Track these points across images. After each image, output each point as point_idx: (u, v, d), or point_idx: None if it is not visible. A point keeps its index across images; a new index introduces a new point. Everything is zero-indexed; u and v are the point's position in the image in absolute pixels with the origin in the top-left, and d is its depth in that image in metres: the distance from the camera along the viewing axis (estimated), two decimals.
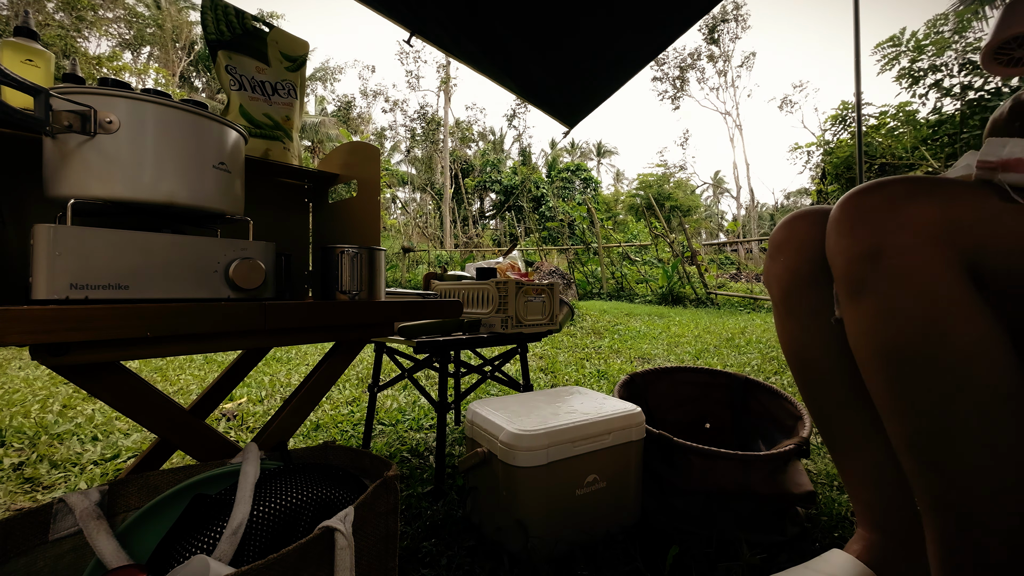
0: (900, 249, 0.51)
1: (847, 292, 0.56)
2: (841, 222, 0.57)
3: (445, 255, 11.89)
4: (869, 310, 0.53)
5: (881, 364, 0.53)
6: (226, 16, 0.90)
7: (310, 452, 0.71)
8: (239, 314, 0.60)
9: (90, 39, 16.33)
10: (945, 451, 0.49)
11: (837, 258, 0.57)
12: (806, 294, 0.70)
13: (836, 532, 0.91)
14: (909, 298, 0.50)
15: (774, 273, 0.74)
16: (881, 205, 0.53)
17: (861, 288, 0.54)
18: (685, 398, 1.29)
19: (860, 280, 0.54)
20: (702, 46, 29.81)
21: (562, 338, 3.61)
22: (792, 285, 0.71)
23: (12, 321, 0.45)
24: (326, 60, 29.04)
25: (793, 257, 0.71)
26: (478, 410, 0.94)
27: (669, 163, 32.02)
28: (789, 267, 0.71)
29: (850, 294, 0.56)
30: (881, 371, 0.53)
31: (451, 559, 0.83)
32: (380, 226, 0.92)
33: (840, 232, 0.56)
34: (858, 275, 0.54)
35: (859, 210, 0.55)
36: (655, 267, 8.30)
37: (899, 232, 0.51)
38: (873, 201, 0.54)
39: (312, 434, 1.51)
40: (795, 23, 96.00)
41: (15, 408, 1.70)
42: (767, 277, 0.76)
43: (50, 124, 0.54)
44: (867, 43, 28.02)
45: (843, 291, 0.57)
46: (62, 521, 0.54)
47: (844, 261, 0.56)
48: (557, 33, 1.63)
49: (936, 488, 0.50)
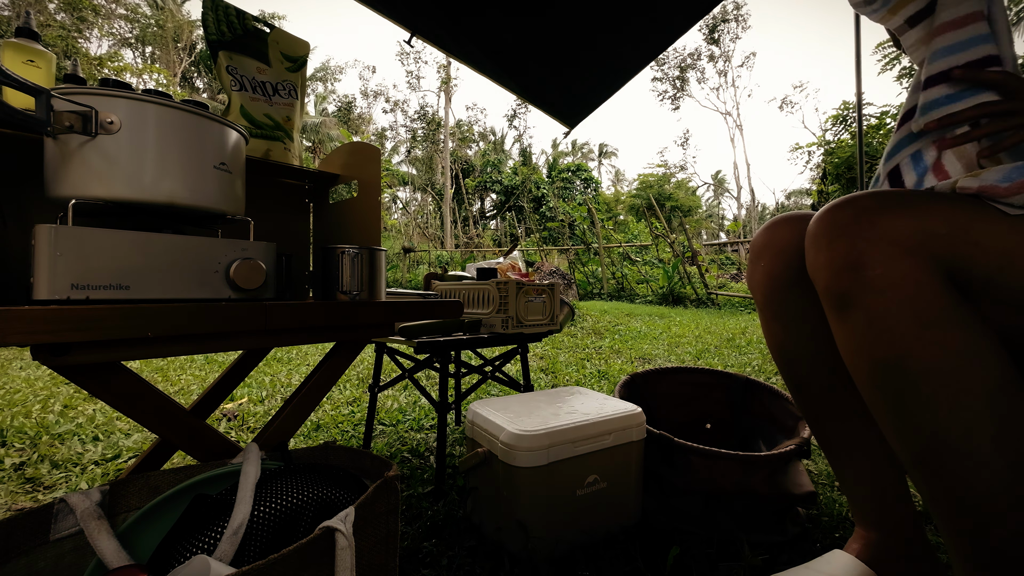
0: (879, 260, 0.51)
1: (833, 306, 0.56)
2: (818, 237, 0.57)
3: (446, 255, 11.90)
4: (858, 323, 0.53)
5: (877, 378, 0.52)
6: (227, 17, 0.90)
7: (311, 452, 0.71)
8: (240, 314, 0.60)
9: (91, 39, 16.35)
10: (957, 461, 0.48)
11: (819, 273, 0.57)
12: (788, 297, 0.71)
13: (837, 532, 0.91)
14: (896, 307, 0.50)
15: (756, 278, 0.75)
16: (854, 218, 0.54)
17: (846, 301, 0.54)
18: (686, 398, 1.29)
19: (844, 293, 0.54)
20: (702, 46, 29.83)
21: (563, 338, 3.61)
22: (773, 289, 0.72)
23: (13, 321, 0.45)
24: (327, 60, 29.11)
25: (774, 262, 0.71)
26: (479, 410, 0.94)
27: (669, 163, 32.05)
28: (770, 272, 0.72)
29: (836, 308, 0.55)
30: (878, 386, 0.53)
31: (452, 559, 0.83)
32: (381, 226, 0.92)
33: (818, 247, 0.57)
34: (841, 288, 0.54)
35: (834, 224, 0.55)
36: (656, 267, 8.29)
37: (877, 243, 0.51)
38: (846, 215, 0.54)
39: (313, 434, 1.51)
40: (795, 23, 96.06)
41: (16, 408, 1.71)
42: (750, 282, 0.77)
43: (51, 125, 0.54)
44: (868, 43, 28.01)
45: (829, 306, 0.57)
46: (63, 521, 0.54)
47: (826, 275, 0.56)
48: (557, 33, 1.63)
49: (952, 498, 0.49)
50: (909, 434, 0.51)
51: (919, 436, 0.50)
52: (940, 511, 0.51)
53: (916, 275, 0.50)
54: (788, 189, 35.37)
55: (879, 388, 0.53)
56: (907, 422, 0.51)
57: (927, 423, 0.49)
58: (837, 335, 0.57)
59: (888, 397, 0.52)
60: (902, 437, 0.52)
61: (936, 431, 0.49)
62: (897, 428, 0.52)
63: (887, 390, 0.52)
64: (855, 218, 0.53)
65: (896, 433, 0.52)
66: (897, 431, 0.52)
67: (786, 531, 0.89)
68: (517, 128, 29.27)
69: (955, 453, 0.48)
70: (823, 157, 7.89)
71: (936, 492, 0.51)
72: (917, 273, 0.50)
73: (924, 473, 0.51)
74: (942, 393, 0.48)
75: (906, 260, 0.50)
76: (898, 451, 0.53)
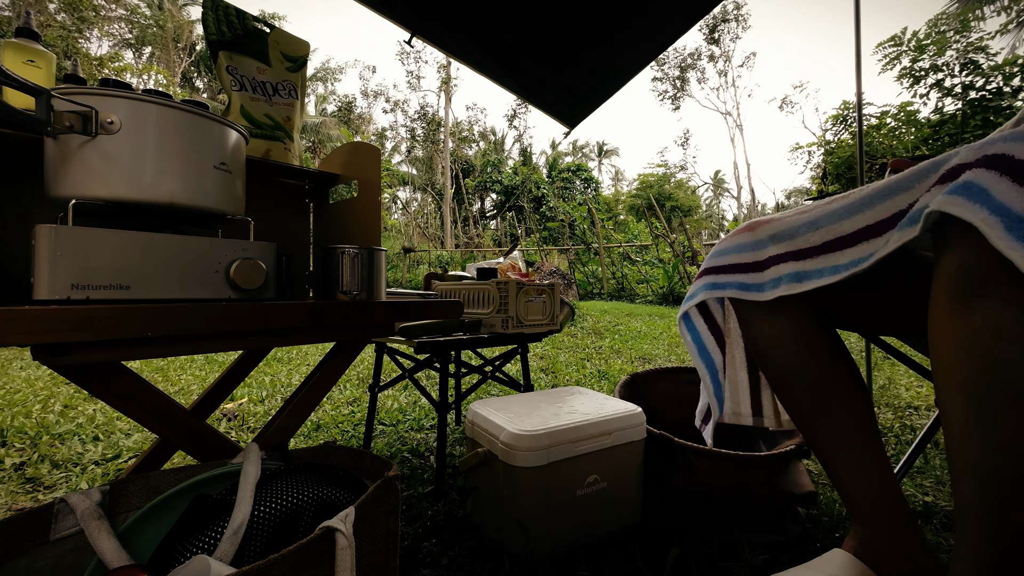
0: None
1: (954, 289, 0.46)
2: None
3: (446, 255, 11.89)
4: (985, 320, 0.44)
5: (983, 387, 0.44)
6: (227, 17, 0.90)
7: (311, 452, 0.71)
8: (240, 314, 0.60)
9: (91, 39, 16.37)
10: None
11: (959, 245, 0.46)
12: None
13: (837, 532, 0.91)
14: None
15: None
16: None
17: (979, 290, 0.44)
18: (686, 398, 1.29)
19: (984, 280, 0.44)
20: (702, 46, 29.80)
21: (563, 338, 3.61)
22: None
23: (14, 321, 0.45)
24: (327, 60, 29.12)
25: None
26: (479, 410, 0.94)
27: (670, 163, 31.99)
28: None
29: (960, 294, 0.45)
30: (979, 395, 0.45)
31: (452, 559, 0.83)
32: (381, 226, 0.92)
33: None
34: (981, 274, 0.44)
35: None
36: (656, 267, 8.29)
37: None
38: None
39: (313, 434, 1.51)
40: (795, 23, 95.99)
41: (16, 408, 1.71)
42: None
43: (52, 125, 0.54)
44: (868, 43, 27.93)
45: (947, 288, 0.47)
46: (63, 521, 0.54)
47: (971, 251, 0.45)
48: (557, 33, 1.63)
49: (1011, 526, 0.44)
50: (991, 447, 0.45)
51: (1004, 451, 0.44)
52: (978, 532, 0.47)
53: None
54: (788, 189, 35.36)
55: (976, 396, 0.45)
56: (997, 435, 0.44)
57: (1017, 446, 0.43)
58: (944, 324, 0.47)
59: (987, 406, 0.45)
60: (981, 447, 0.46)
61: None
62: (977, 438, 0.46)
63: (990, 399, 0.44)
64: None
65: (973, 442, 0.46)
66: (977, 440, 0.46)
67: (786, 531, 0.89)
68: (517, 128, 29.25)
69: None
70: (823, 157, 7.89)
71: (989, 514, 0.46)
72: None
73: (988, 487, 0.45)
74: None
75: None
76: (963, 459, 0.47)
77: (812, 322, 0.71)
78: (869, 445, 0.68)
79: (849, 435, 0.69)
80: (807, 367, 0.70)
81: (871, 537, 0.67)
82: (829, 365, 0.70)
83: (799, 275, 0.65)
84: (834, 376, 0.70)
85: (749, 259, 0.72)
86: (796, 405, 0.73)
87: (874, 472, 0.68)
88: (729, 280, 0.74)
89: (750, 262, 0.71)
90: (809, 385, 0.71)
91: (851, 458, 0.69)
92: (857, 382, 0.71)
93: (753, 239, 0.71)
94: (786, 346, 0.71)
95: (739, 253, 0.73)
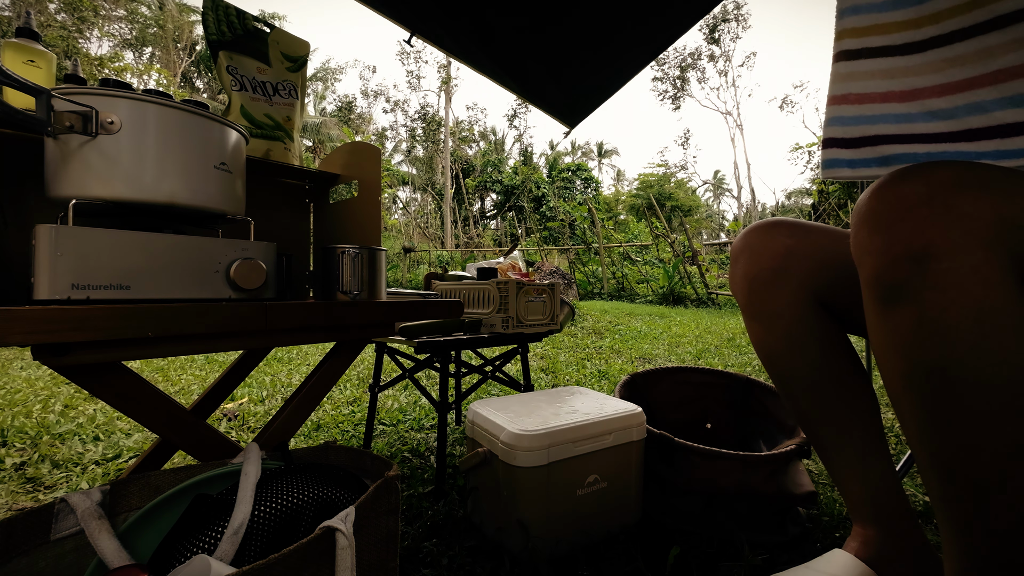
0: (947, 252, 0.43)
1: (878, 297, 0.49)
2: (877, 215, 0.47)
3: (446, 255, 11.89)
4: (905, 321, 0.46)
5: (918, 382, 0.47)
6: (227, 17, 0.90)
7: (311, 452, 0.71)
8: (240, 314, 0.60)
9: (91, 39, 16.36)
10: (991, 473, 0.44)
11: (867, 257, 0.49)
12: (764, 297, 0.72)
13: (837, 532, 0.91)
14: (957, 309, 0.43)
15: (735, 280, 0.77)
16: (927, 196, 0.44)
17: (897, 295, 0.46)
18: (686, 398, 1.29)
19: (897, 285, 0.46)
20: (702, 46, 29.78)
21: (563, 338, 3.61)
22: (751, 290, 0.74)
23: (14, 321, 0.45)
24: (327, 60, 29.12)
25: (750, 264, 0.74)
26: (479, 410, 0.94)
27: (670, 163, 32.02)
28: (747, 273, 0.74)
29: (882, 300, 0.48)
30: (917, 389, 0.47)
31: (452, 559, 0.83)
32: (381, 226, 0.92)
33: (875, 227, 0.47)
34: (896, 279, 0.46)
35: (900, 201, 0.46)
36: (656, 267, 8.29)
37: (949, 230, 0.43)
38: (916, 190, 0.45)
39: (313, 434, 1.51)
40: (795, 23, 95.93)
41: (17, 408, 1.71)
42: (731, 284, 0.79)
43: (52, 125, 0.54)
44: None
45: (873, 296, 0.49)
46: (64, 521, 0.54)
47: (878, 262, 0.47)
48: (558, 33, 1.63)
49: (973, 510, 0.46)
50: (939, 438, 0.46)
51: (951, 441, 0.46)
52: (951, 522, 0.48)
53: (986, 273, 0.42)
54: (788, 189, 35.35)
55: (914, 390, 0.47)
56: (940, 430, 0.46)
57: (964, 436, 0.45)
58: (875, 328, 0.50)
59: (924, 402, 0.47)
60: (931, 439, 0.47)
61: (973, 446, 0.44)
62: (927, 431, 0.47)
63: (924, 395, 0.46)
64: (928, 197, 0.44)
65: (925, 436, 0.48)
66: (927, 433, 0.48)
67: (786, 531, 0.89)
68: (517, 128, 29.25)
69: (986, 463, 0.44)
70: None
71: (954, 501, 0.47)
72: (988, 271, 0.42)
73: (947, 477, 0.47)
74: (990, 410, 0.43)
75: (977, 254, 0.43)
76: (921, 453, 0.49)
77: (819, 322, 0.71)
78: (873, 445, 0.68)
79: (853, 435, 0.69)
80: (813, 367, 0.70)
81: (874, 538, 0.67)
82: (836, 365, 0.70)
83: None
84: (840, 376, 0.70)
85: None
86: (801, 404, 0.73)
87: (877, 472, 0.68)
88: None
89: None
90: (815, 385, 0.71)
91: (854, 458, 0.69)
92: (863, 383, 0.71)
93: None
94: (793, 346, 0.71)
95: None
